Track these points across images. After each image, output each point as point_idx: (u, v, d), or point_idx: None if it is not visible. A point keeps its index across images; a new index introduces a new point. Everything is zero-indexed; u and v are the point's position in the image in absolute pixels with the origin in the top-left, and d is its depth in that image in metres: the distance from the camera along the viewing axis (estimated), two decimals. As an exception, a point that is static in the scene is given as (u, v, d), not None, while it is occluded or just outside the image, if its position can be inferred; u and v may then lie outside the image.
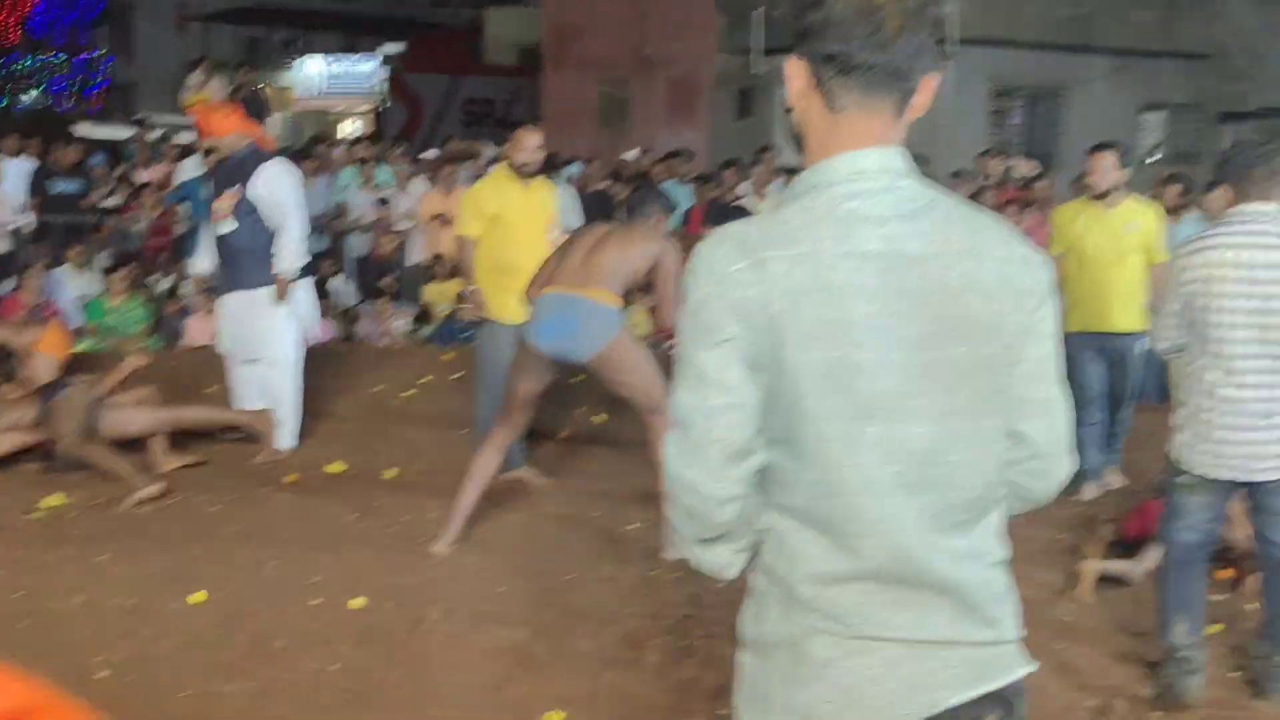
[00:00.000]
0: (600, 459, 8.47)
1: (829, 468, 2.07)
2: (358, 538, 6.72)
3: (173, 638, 5.39)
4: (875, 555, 2.09)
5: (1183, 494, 4.98)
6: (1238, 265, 4.73)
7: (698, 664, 5.26)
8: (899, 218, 2.09)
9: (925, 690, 2.12)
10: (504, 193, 7.90)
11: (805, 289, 2.04)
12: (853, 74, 2.10)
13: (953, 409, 2.11)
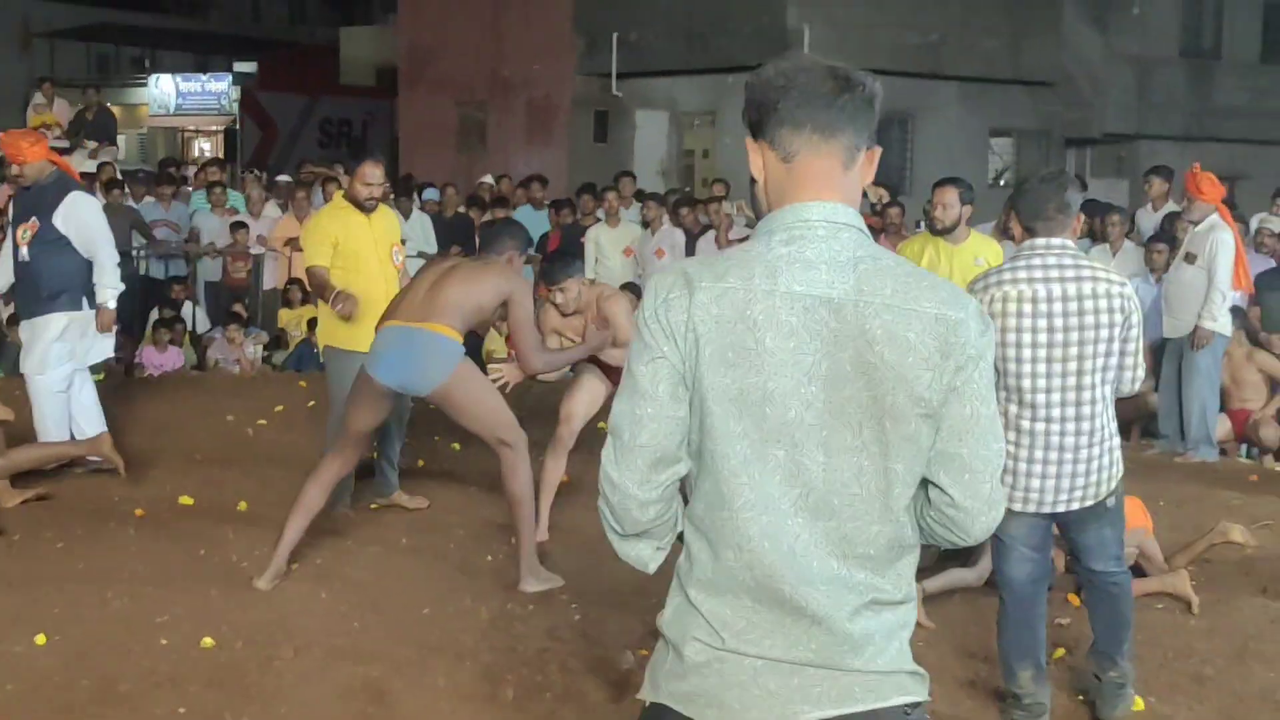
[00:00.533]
0: (455, 490, 8.41)
1: (722, 481, 2.30)
2: (207, 574, 6.60)
3: (16, 681, 5.24)
4: (751, 572, 2.29)
5: (1004, 526, 5.05)
6: (1029, 300, 4.82)
7: (554, 698, 5.24)
8: (830, 264, 2.29)
9: (783, 703, 2.29)
10: (346, 222, 7.80)
11: (728, 319, 2.26)
12: (796, 123, 2.33)
13: (857, 445, 2.28)
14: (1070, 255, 4.89)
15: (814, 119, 2.34)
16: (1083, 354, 4.80)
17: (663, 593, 6.24)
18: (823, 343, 2.26)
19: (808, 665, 2.29)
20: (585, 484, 8.64)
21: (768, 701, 2.30)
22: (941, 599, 6.50)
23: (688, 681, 2.36)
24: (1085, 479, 4.88)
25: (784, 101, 2.34)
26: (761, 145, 2.41)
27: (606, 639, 5.90)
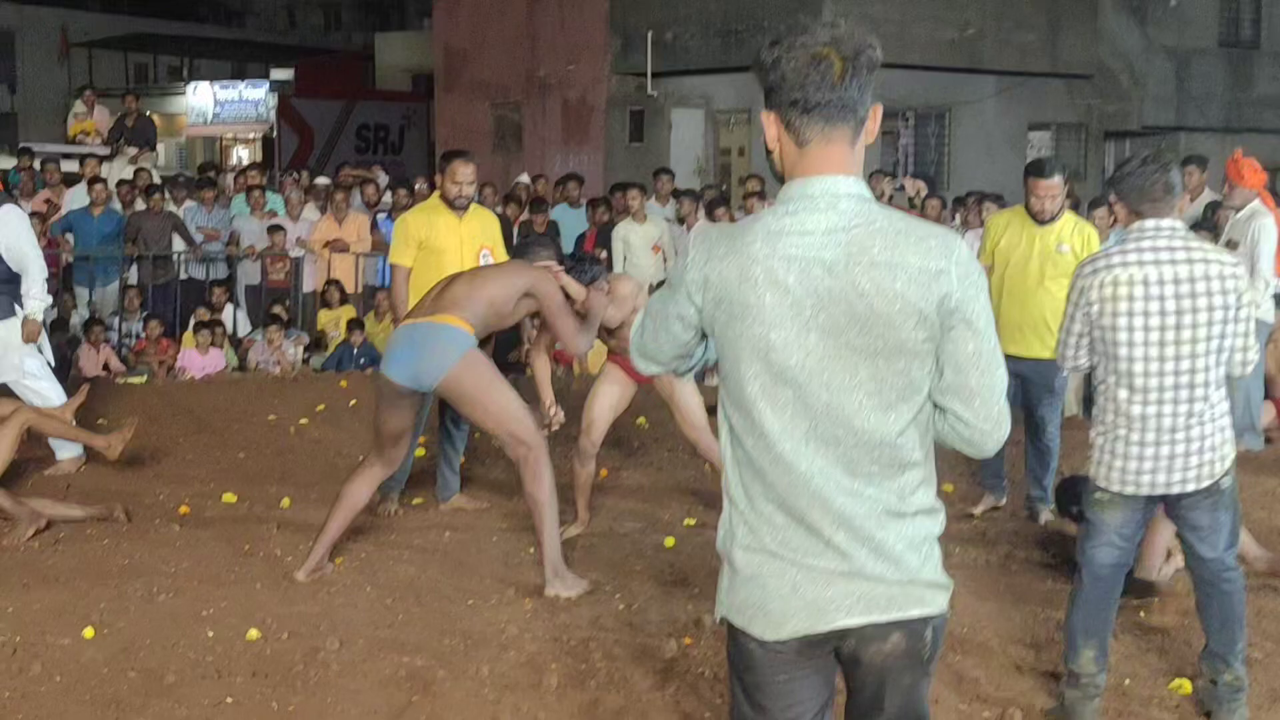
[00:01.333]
0: (498, 484, 8.42)
1: (745, 415, 2.69)
2: (251, 569, 6.63)
3: (64, 673, 5.27)
4: (778, 491, 2.68)
5: (1099, 511, 5.00)
6: (1140, 283, 4.77)
7: (598, 686, 5.24)
8: (826, 230, 2.63)
9: (818, 612, 2.68)
10: (434, 221, 7.81)
11: (734, 279, 2.66)
12: (813, 112, 2.64)
13: (855, 384, 2.64)
14: (1180, 237, 4.83)
15: (825, 110, 2.63)
16: (1195, 336, 4.75)
17: (705, 583, 6.25)
18: (818, 298, 2.62)
19: (838, 575, 2.68)
20: (623, 477, 8.65)
21: (805, 611, 2.69)
22: (987, 588, 6.48)
23: (738, 594, 2.75)
24: (1199, 458, 4.82)
25: (799, 93, 2.63)
26: (769, 114, 2.71)
27: (650, 627, 5.89)
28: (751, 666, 2.80)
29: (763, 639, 2.74)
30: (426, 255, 7.77)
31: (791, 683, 2.79)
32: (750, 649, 2.78)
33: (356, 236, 14.05)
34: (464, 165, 7.81)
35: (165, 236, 14.06)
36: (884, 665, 2.74)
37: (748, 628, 2.75)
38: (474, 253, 7.85)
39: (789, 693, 2.79)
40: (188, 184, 15.85)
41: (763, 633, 2.73)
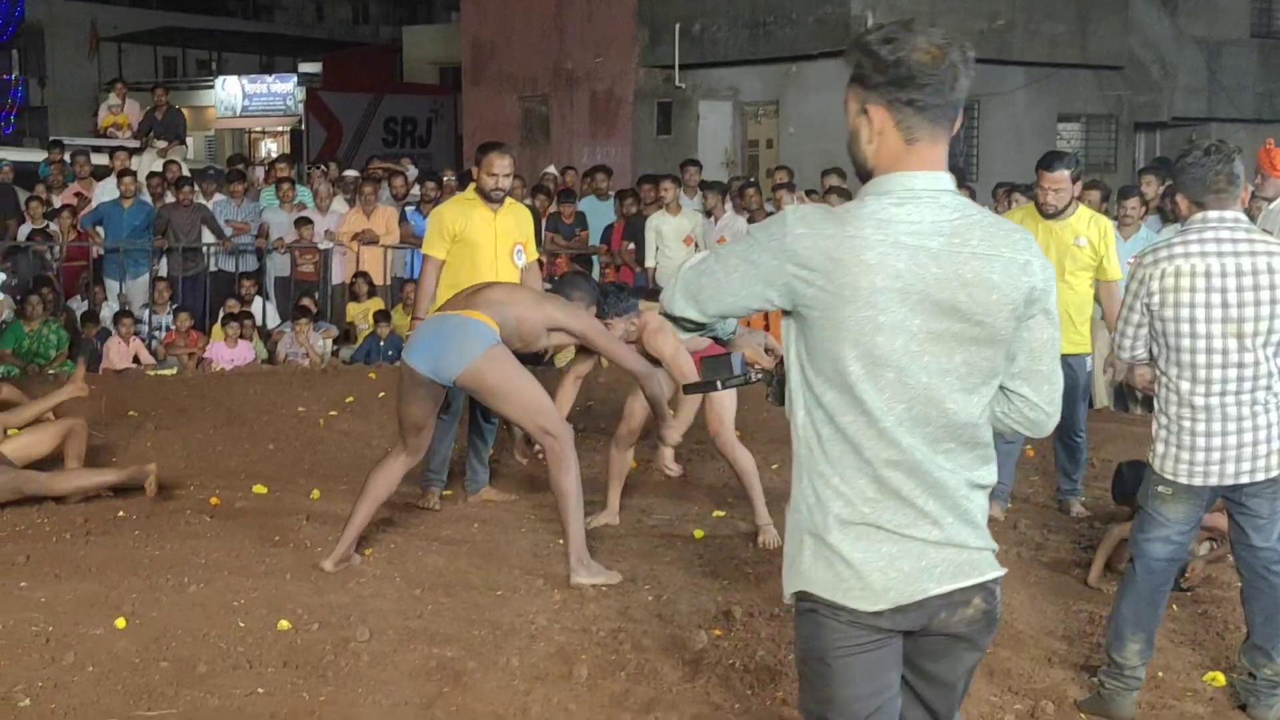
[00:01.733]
0: (526, 476, 8.42)
1: (855, 394, 2.76)
2: (282, 559, 6.64)
3: (94, 664, 5.29)
4: (883, 464, 2.77)
5: (1160, 505, 4.96)
6: (1202, 274, 4.74)
7: (628, 677, 5.23)
8: (932, 222, 2.75)
9: (914, 581, 2.78)
10: (469, 214, 7.78)
11: (846, 262, 2.72)
12: (926, 113, 2.75)
13: (949, 368, 2.78)
14: (1244, 229, 4.80)
15: (939, 111, 2.76)
16: (1257, 329, 4.72)
17: (734, 575, 6.24)
18: (925, 285, 2.73)
19: (930, 544, 2.80)
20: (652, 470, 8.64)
21: (902, 580, 2.78)
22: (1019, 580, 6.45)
23: (831, 568, 2.81)
24: (1266, 447, 4.80)
25: (918, 93, 2.73)
26: (876, 108, 2.78)
27: (679, 619, 5.89)
28: (836, 645, 2.83)
29: (858, 610, 2.79)
30: (460, 249, 7.75)
31: (878, 661, 2.85)
32: (835, 626, 2.82)
33: (385, 229, 14.08)
34: (500, 158, 7.75)
35: (195, 229, 14.11)
36: (965, 632, 2.86)
37: (843, 601, 2.79)
38: (508, 248, 7.83)
39: (875, 674, 2.85)
40: (217, 177, 15.90)
41: (859, 604, 2.79)
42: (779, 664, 5.38)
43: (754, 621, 5.86)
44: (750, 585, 6.38)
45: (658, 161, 20.91)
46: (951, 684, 2.95)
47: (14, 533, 7.05)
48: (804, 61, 21.40)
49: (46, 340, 12.07)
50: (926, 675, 2.93)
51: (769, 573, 6.54)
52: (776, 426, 9.38)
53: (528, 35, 25.35)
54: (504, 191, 7.79)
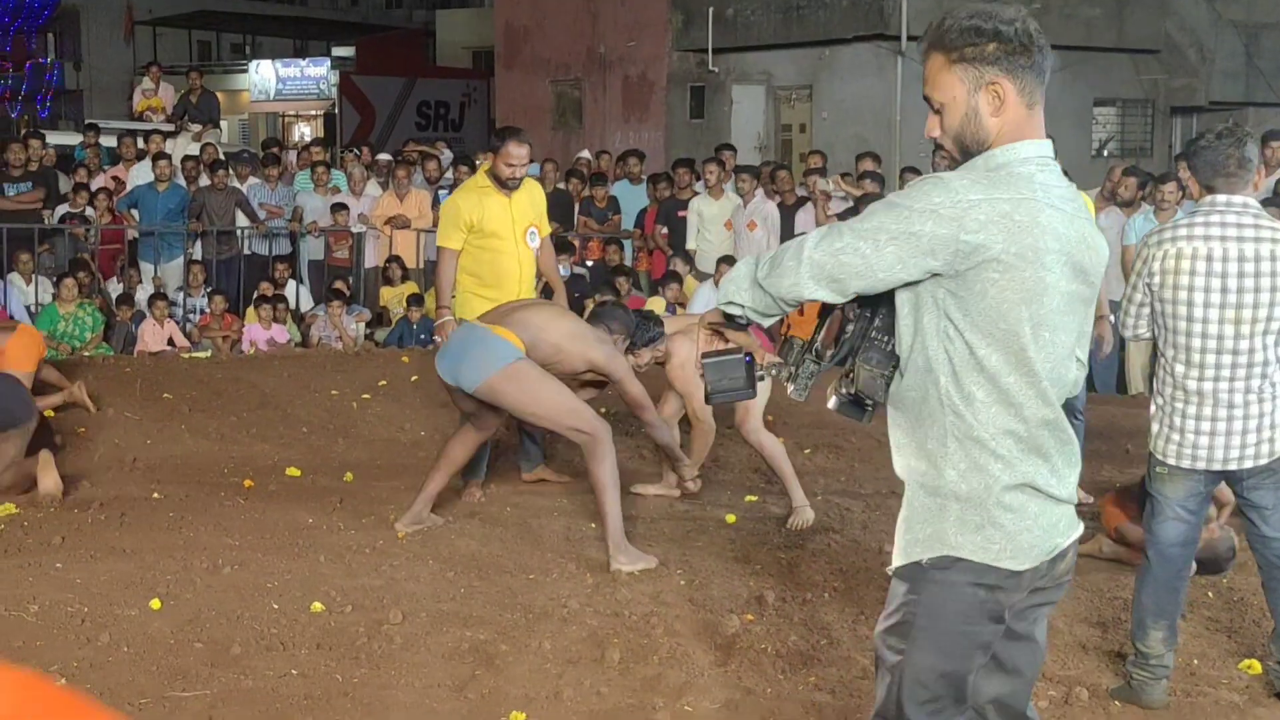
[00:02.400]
0: (561, 460, 8.43)
1: (1025, 356, 2.84)
2: (315, 542, 6.67)
3: (129, 644, 5.32)
4: (1038, 423, 2.89)
5: (1160, 485, 4.94)
6: (1204, 258, 4.70)
7: (661, 661, 5.23)
8: (1064, 187, 2.93)
9: (1050, 536, 2.93)
10: (483, 202, 7.67)
11: (1025, 225, 2.79)
12: (1041, 75, 2.90)
13: (1074, 327, 2.94)
14: (1252, 214, 4.75)
15: (1047, 76, 2.91)
16: (1256, 316, 4.68)
17: (766, 560, 6.23)
18: (1070, 246, 2.86)
19: (1058, 501, 2.95)
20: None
21: (1041, 537, 2.91)
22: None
23: (983, 531, 2.89)
24: (1257, 435, 4.77)
25: (1039, 56, 2.87)
26: (1002, 79, 2.87)
27: (711, 603, 5.88)
28: (973, 608, 2.92)
29: (1006, 570, 2.89)
30: (477, 238, 7.65)
31: (998, 624, 2.95)
32: (976, 590, 2.90)
33: (418, 213, 14.09)
34: (518, 145, 7.62)
35: (229, 212, 14.15)
36: (1063, 581, 3.04)
37: (994, 562, 2.88)
38: (524, 232, 7.75)
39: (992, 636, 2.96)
40: (251, 160, 15.94)
41: (1009, 564, 2.89)
42: (811, 649, 5.37)
43: (786, 606, 5.86)
44: (783, 570, 6.38)
45: (690, 146, 20.89)
46: (1036, 640, 3.07)
47: (49, 515, 7.09)
48: (837, 46, 21.33)
49: (82, 323, 12.13)
50: (1014, 634, 3.00)
51: (801, 558, 6.54)
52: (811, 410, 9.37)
53: (561, 19, 25.34)
54: (519, 180, 7.69)
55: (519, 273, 7.59)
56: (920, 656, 2.95)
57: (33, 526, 6.88)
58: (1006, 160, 2.87)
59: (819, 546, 6.66)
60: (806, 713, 4.85)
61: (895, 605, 3.00)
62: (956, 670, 2.94)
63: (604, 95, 25.00)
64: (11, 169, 13.94)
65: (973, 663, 2.96)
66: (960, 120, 2.91)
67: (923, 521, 2.94)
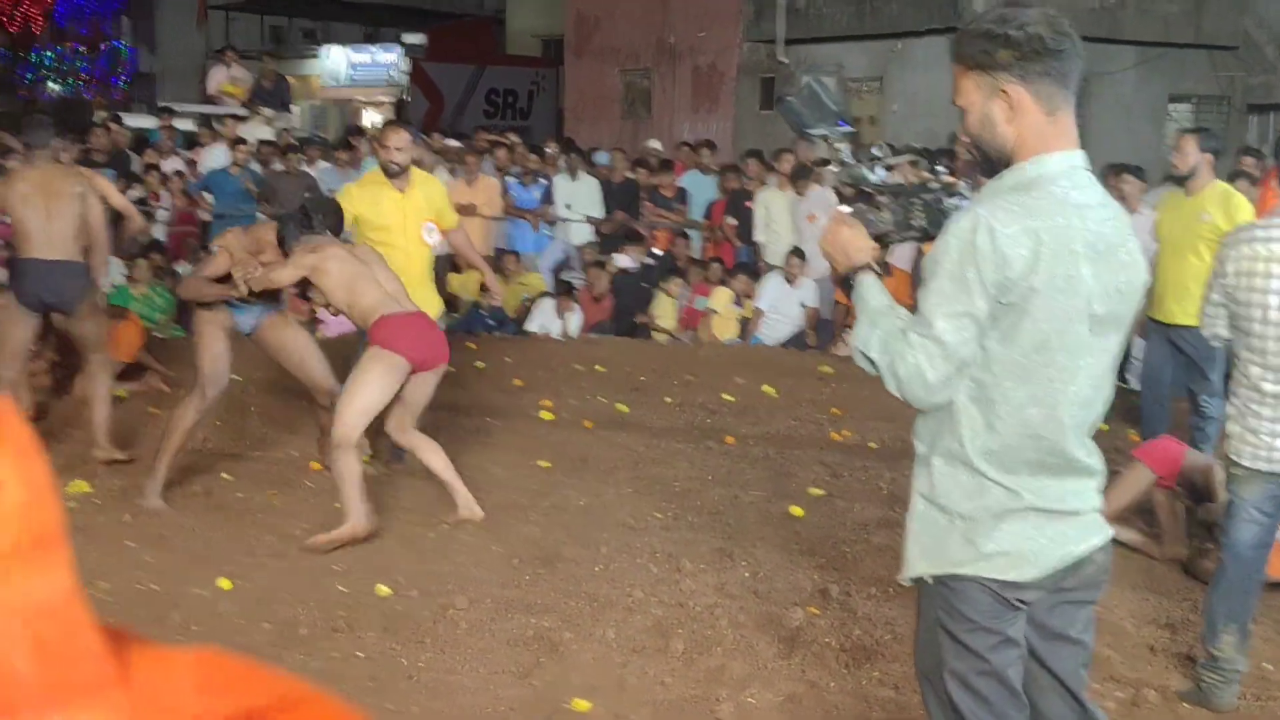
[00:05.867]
0: (623, 450, 8.44)
1: (1053, 385, 2.83)
2: (382, 524, 6.71)
3: (200, 623, 5.39)
4: (1048, 444, 2.86)
5: (1237, 486, 4.90)
6: (1278, 261, 4.65)
7: (725, 653, 5.23)
8: (1098, 205, 2.86)
9: (1062, 545, 2.91)
10: (376, 196, 7.64)
11: (1060, 252, 2.76)
12: (1061, 80, 2.82)
13: (1103, 349, 2.91)
14: None
15: (1071, 80, 2.83)
16: None
17: (831, 553, 6.21)
18: (1107, 269, 2.83)
19: (1072, 513, 2.92)
20: (750, 446, 8.61)
21: (1047, 548, 2.89)
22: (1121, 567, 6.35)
23: (985, 546, 2.89)
24: None
25: (1056, 60, 2.80)
26: (1012, 85, 2.82)
27: (775, 595, 5.87)
28: (982, 614, 2.94)
29: (1018, 582, 2.90)
30: (367, 231, 7.58)
31: (1016, 626, 2.98)
32: (986, 600, 2.92)
33: (486, 200, 14.13)
34: (395, 132, 7.74)
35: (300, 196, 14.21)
36: (1094, 581, 3.02)
37: (1000, 575, 2.90)
38: (417, 227, 7.70)
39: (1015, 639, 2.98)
40: (322, 145, 16.03)
41: (1015, 575, 2.90)
42: (875, 643, 5.35)
43: (851, 600, 5.84)
44: (847, 564, 6.35)
45: (759, 137, 20.82)
46: (1071, 637, 3.05)
47: (120, 494, 7.17)
48: (909, 38, 21.19)
49: (153, 304, 12.25)
50: (1048, 631, 3.02)
51: (866, 552, 6.51)
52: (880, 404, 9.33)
53: (631, 8, 25.30)
54: (399, 165, 7.63)
55: (406, 265, 7.47)
56: (955, 662, 2.99)
57: (104, 505, 6.97)
58: (1036, 176, 2.83)
59: (884, 541, 6.63)
60: (870, 707, 4.84)
61: (921, 615, 3.08)
62: (993, 669, 2.96)
63: (673, 85, 24.95)
64: (95, 154, 14.11)
65: (1007, 657, 2.97)
66: (977, 126, 2.90)
67: (929, 536, 2.97)
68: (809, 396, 10.03)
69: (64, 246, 7.65)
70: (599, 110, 25.70)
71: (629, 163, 15.05)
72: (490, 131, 17.69)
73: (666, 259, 13.59)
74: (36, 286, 7.64)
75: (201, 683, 0.61)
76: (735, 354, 11.79)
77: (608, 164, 15.09)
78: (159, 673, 0.61)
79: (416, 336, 6.64)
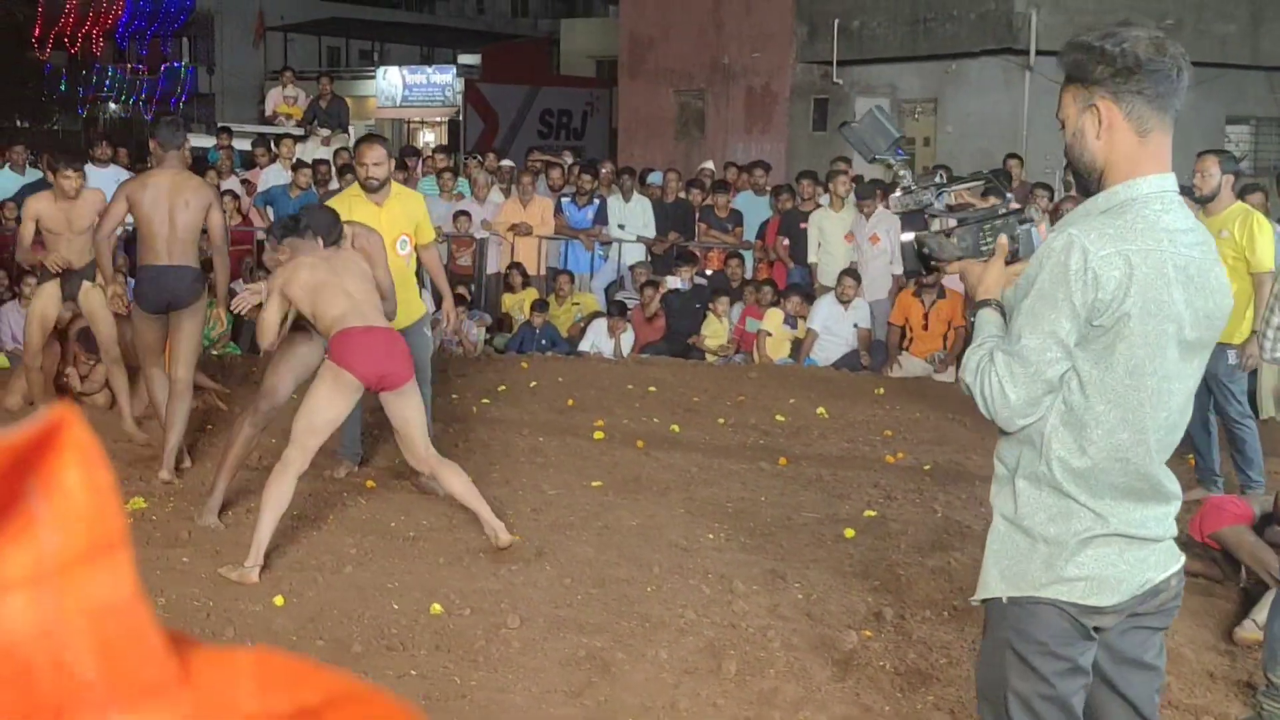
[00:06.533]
0: (676, 471, 8.43)
1: (1143, 410, 2.84)
2: (435, 544, 6.73)
3: (253, 639, 5.41)
4: (1137, 469, 2.87)
5: None
6: None
7: (777, 675, 5.21)
8: (1188, 229, 2.85)
9: (1141, 572, 2.92)
10: (352, 209, 7.61)
11: (1152, 277, 2.76)
12: (1155, 102, 2.79)
13: (1189, 374, 2.91)
14: None
15: (1170, 103, 2.81)
16: None
17: (884, 576, 6.17)
18: (1194, 294, 2.82)
19: (1153, 540, 2.93)
20: (803, 468, 8.59)
21: (1128, 573, 2.90)
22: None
23: (1068, 570, 2.89)
24: None
25: (1150, 81, 2.78)
26: (1104, 101, 2.81)
27: (829, 618, 5.84)
28: (1058, 644, 2.93)
29: (1099, 607, 2.91)
30: None
31: (1087, 650, 2.97)
32: (1061, 625, 2.92)
33: (539, 220, 14.18)
34: (371, 148, 7.76)
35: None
36: (1168, 608, 3.03)
37: (1081, 600, 2.90)
38: (393, 240, 7.70)
39: (1085, 664, 2.98)
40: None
41: (1096, 600, 2.90)
42: (930, 667, 5.32)
43: (905, 624, 5.80)
44: (901, 587, 6.31)
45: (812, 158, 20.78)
46: (1146, 662, 3.05)
47: (176, 510, 7.23)
48: (964, 59, 21.13)
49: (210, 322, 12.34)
50: (1121, 656, 3.02)
51: (920, 575, 6.47)
52: (933, 427, 9.29)
53: (686, 29, 25.36)
54: (378, 180, 7.69)
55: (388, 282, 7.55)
56: (1019, 683, 2.98)
57: (160, 521, 7.03)
58: (1128, 198, 2.83)
59: (939, 564, 6.59)
60: (924, 732, 4.80)
61: (989, 634, 3.07)
62: (1057, 694, 2.95)
63: (726, 106, 24.98)
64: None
65: (1072, 685, 2.96)
66: (1070, 139, 2.90)
67: (1010, 558, 2.97)
68: (862, 418, 9.99)
69: (184, 253, 7.85)
70: (652, 131, 25.75)
71: (682, 183, 15.07)
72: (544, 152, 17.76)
73: (719, 279, 13.59)
74: (156, 292, 7.87)
75: (260, 682, 0.62)
76: (788, 375, 11.76)
77: (660, 184, 15.11)
78: (218, 673, 0.62)
79: (368, 353, 6.38)
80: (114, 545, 0.57)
